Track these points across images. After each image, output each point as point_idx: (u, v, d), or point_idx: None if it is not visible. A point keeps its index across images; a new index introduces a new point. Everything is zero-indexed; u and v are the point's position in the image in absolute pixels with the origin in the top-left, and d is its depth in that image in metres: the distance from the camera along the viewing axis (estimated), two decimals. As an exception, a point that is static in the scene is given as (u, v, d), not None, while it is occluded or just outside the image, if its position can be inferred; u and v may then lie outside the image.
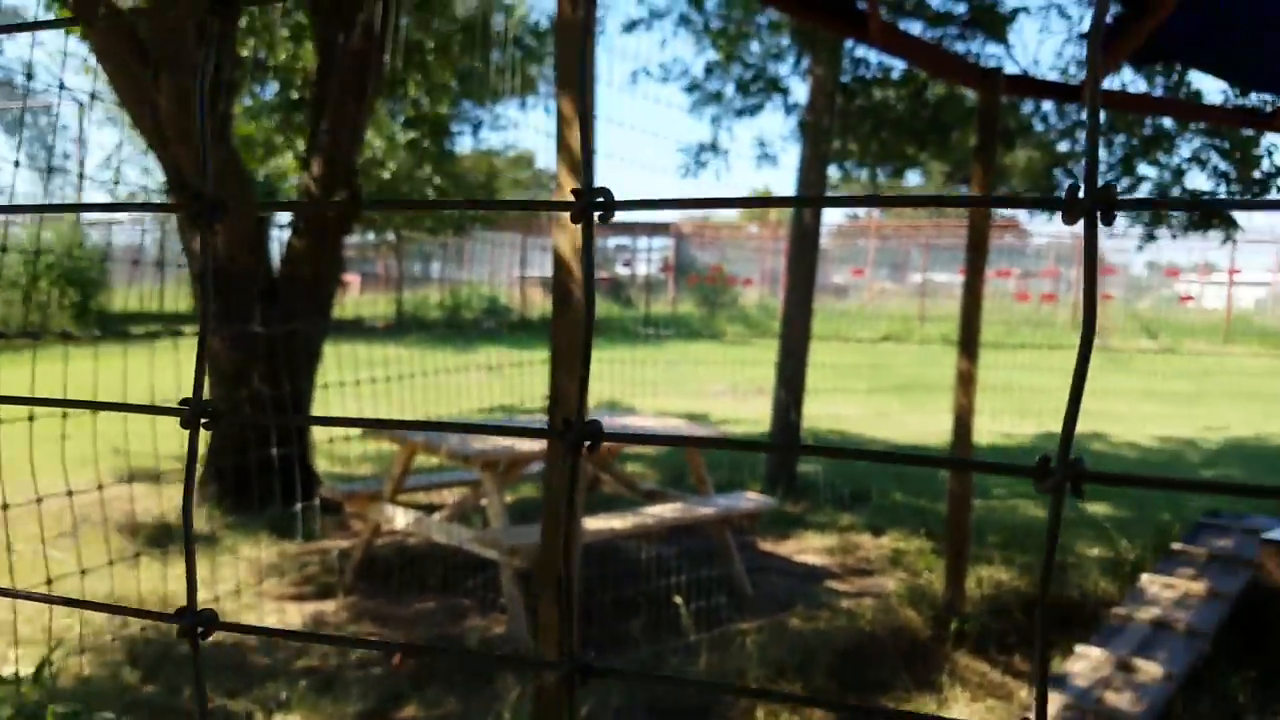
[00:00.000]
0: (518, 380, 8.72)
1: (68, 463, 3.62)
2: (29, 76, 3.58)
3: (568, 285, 2.85)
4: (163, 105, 4.52)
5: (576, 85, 2.63)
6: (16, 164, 3.10)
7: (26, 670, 3.02)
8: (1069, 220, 0.43)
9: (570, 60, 2.65)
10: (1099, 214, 0.41)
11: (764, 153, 7.54)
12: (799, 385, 6.58)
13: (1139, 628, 3.52)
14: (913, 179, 9.23)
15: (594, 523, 4.04)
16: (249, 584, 4.18)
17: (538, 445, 4.17)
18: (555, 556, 2.84)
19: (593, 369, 0.50)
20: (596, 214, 0.48)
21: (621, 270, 22.32)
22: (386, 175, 12.42)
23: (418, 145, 11.91)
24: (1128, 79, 5.82)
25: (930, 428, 8.48)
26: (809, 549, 5.01)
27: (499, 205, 0.58)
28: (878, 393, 10.97)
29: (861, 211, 27.23)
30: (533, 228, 22.78)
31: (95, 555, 4.02)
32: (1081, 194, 0.41)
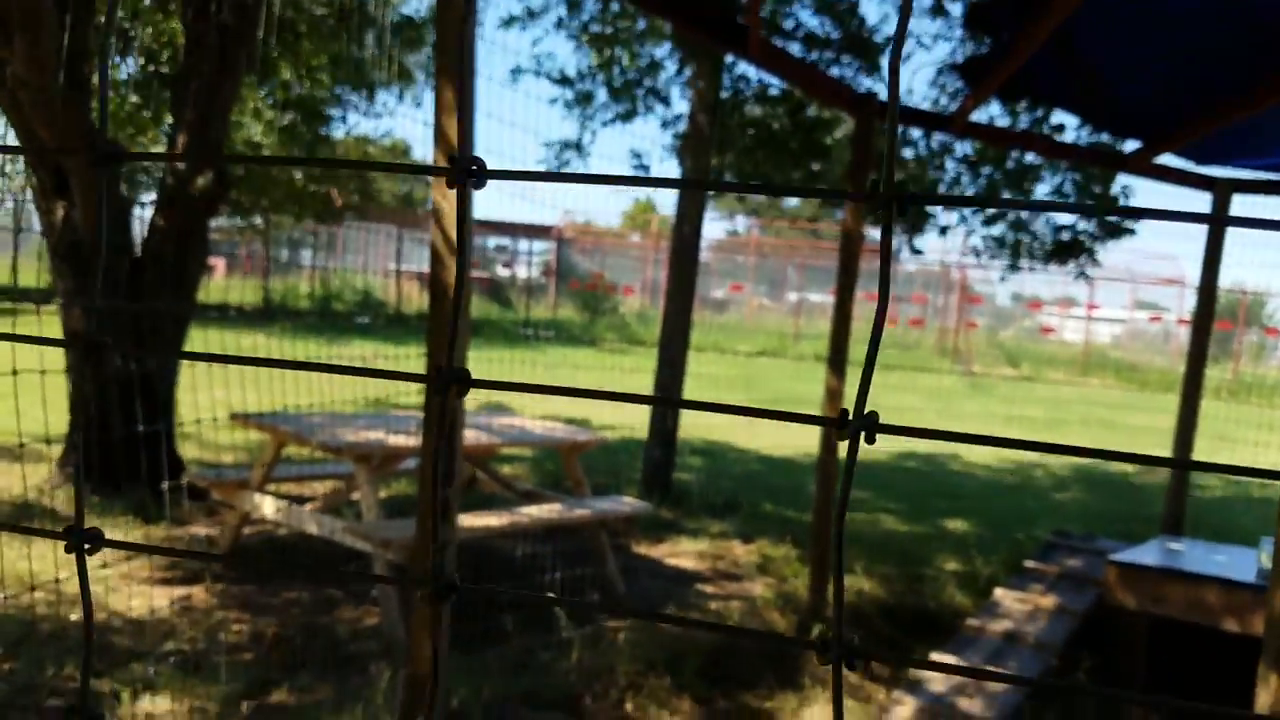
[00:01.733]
0: (401, 387, 8.49)
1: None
2: None
3: (444, 277, 2.82)
4: (17, 69, 4.22)
5: (455, 72, 2.61)
6: None
7: None
8: (870, 209, 0.49)
9: (450, 46, 2.62)
10: (894, 206, 0.48)
11: (639, 163, 7.67)
12: (676, 394, 6.67)
13: (991, 639, 3.73)
14: (790, 199, 9.49)
15: (470, 519, 3.99)
16: (112, 564, 3.93)
17: (412, 440, 4.09)
18: (429, 549, 2.80)
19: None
20: (471, 181, 0.51)
21: (502, 272, 22.06)
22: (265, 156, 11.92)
23: (293, 129, 11.50)
24: (995, 113, 6.18)
25: (799, 440, 8.75)
26: (681, 553, 5.08)
27: (375, 167, 0.61)
28: (752, 405, 11.22)
29: (742, 228, 27.86)
30: (409, 220, 22.30)
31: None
32: (881, 189, 0.48)
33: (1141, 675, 3.73)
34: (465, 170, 0.51)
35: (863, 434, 0.49)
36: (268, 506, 4.10)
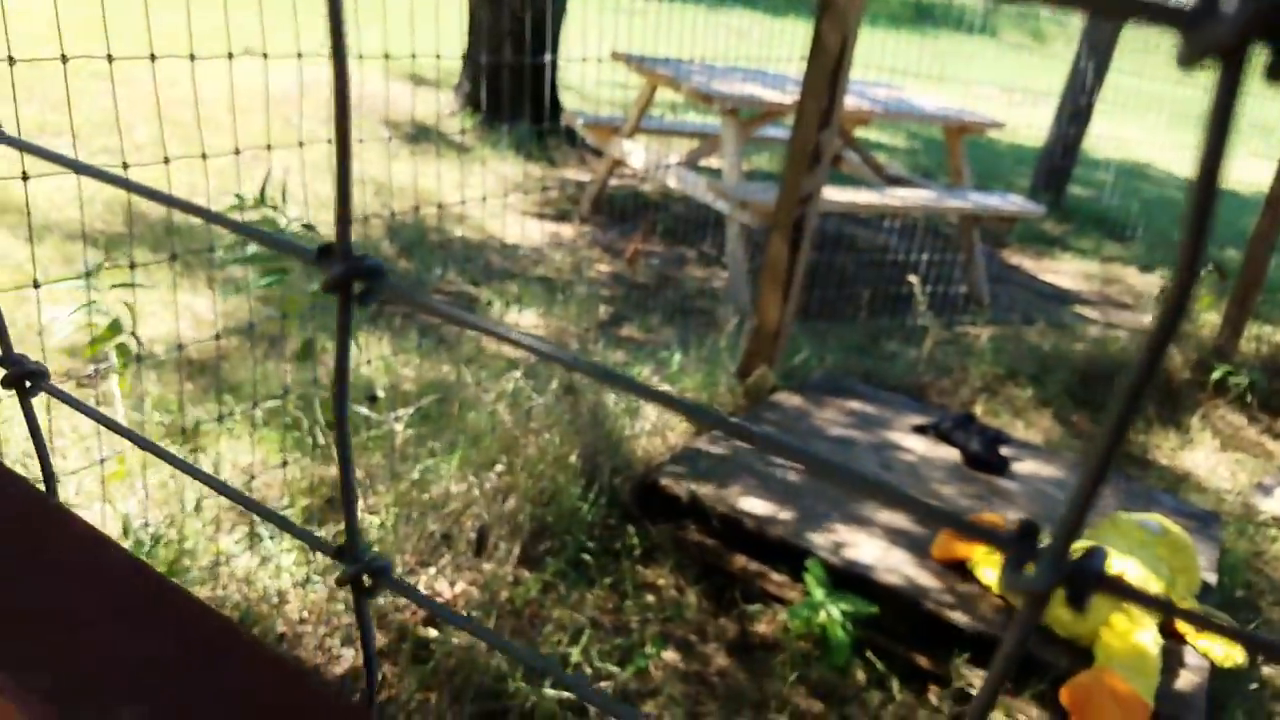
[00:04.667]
0: (766, 44, 8.08)
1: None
2: None
3: None
4: None
5: None
6: None
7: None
8: None
9: None
10: None
11: None
12: (1089, 97, 5.67)
13: None
14: None
15: (831, 193, 3.74)
16: (494, 196, 4.28)
17: (789, 99, 3.81)
18: (791, 211, 2.62)
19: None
20: None
21: None
22: None
23: None
24: None
25: (1242, 174, 7.30)
26: (1062, 271, 4.53)
27: None
28: (1181, 123, 9.48)
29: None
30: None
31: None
32: None
33: None
34: None
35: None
36: (635, 156, 4.11)
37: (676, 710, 1.59)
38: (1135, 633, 1.67)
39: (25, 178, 1.32)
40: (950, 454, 2.33)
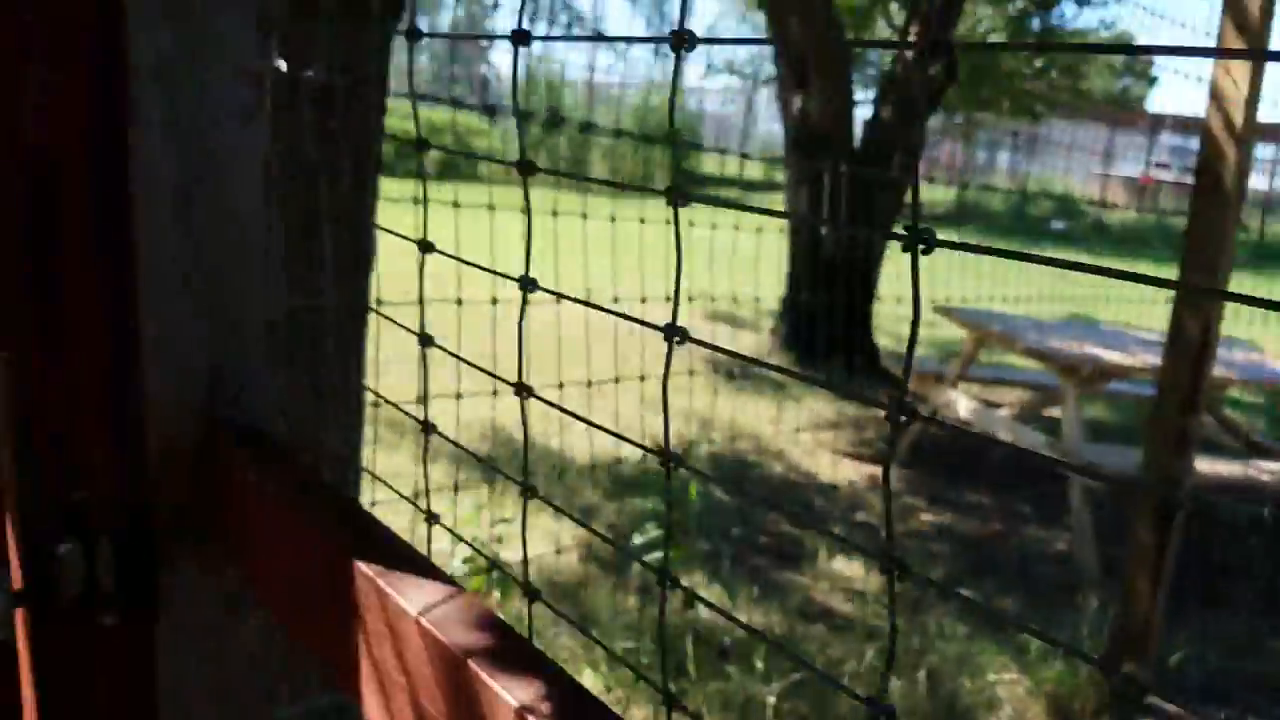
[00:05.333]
0: (1091, 294, 7.82)
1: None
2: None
3: (1217, 179, 2.29)
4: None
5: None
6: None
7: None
8: None
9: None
10: None
11: None
12: None
13: None
14: None
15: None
16: (806, 429, 4.37)
17: (1131, 360, 3.62)
18: (1156, 495, 2.43)
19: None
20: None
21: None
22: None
23: (1024, 20, 10.95)
24: None
25: None
26: None
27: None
28: None
29: None
30: (1122, 118, 20.02)
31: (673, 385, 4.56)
32: None
33: None
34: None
35: None
36: (962, 405, 4.04)
37: None
38: None
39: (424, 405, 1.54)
40: (1390, 811, 1.93)
